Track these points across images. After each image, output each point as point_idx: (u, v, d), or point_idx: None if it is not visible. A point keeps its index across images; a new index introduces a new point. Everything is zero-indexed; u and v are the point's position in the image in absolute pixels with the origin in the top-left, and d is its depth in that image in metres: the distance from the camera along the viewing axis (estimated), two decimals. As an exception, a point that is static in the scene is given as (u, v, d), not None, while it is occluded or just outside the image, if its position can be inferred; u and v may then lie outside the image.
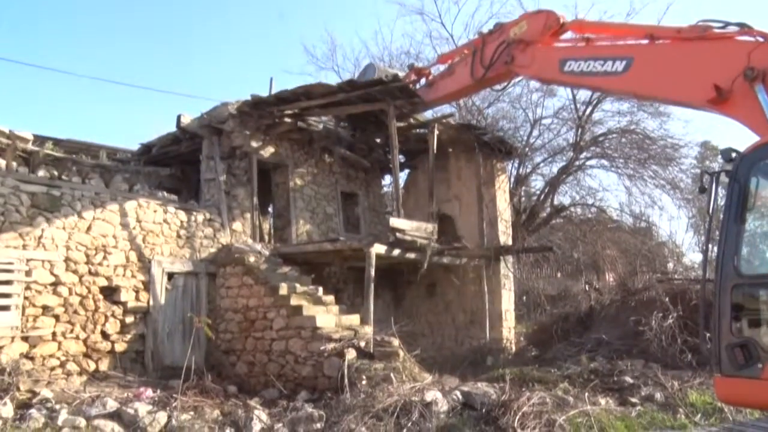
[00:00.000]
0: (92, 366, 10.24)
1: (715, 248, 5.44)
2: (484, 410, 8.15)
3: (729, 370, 4.94)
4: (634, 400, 9.10)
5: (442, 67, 12.21)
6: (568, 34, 8.69)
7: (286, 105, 13.19)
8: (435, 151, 13.96)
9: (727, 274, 5.05)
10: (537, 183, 22.41)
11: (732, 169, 5.17)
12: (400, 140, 13.37)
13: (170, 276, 11.72)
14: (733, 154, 5.24)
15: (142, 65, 52.89)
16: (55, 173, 10.57)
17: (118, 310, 10.77)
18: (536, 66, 8.76)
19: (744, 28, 6.10)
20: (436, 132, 14.01)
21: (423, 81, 12.51)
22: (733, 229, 5.11)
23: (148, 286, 11.23)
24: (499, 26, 9.98)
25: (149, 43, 54.95)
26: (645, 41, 7.09)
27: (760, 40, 5.89)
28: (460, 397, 8.52)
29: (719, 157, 6.81)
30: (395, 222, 12.38)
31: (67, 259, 10.16)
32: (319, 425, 7.67)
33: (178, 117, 13.28)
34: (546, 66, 8.48)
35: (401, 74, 12.74)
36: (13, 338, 9.29)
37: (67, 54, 50.29)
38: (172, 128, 13.92)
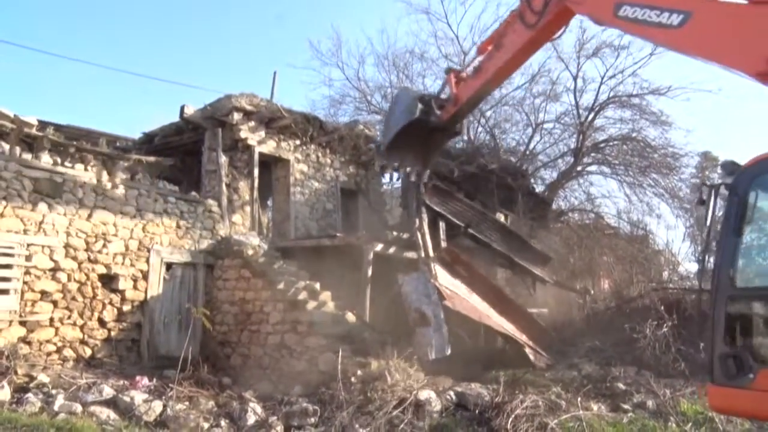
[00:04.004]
0: (88, 353, 10.28)
1: (713, 259, 5.51)
2: (477, 411, 8.20)
3: (721, 379, 5.04)
4: (626, 406, 9.14)
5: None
6: None
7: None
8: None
9: (722, 286, 5.13)
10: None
11: (732, 182, 5.19)
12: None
13: (168, 266, 11.76)
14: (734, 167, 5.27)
15: (147, 55, 52.80)
16: (58, 159, 10.59)
17: (116, 298, 10.81)
18: (590, 3, 7.47)
19: None
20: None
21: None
22: (730, 242, 5.19)
23: (146, 275, 11.26)
24: None
25: (153, 34, 54.86)
26: None
27: None
28: (454, 397, 8.57)
29: (719, 168, 6.72)
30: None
31: (66, 246, 10.19)
32: (313, 420, 7.71)
33: (182, 107, 13.29)
34: (600, 5, 7.23)
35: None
36: (11, 322, 9.33)
37: (72, 41, 50.18)
38: (173, 120, 14.01)
